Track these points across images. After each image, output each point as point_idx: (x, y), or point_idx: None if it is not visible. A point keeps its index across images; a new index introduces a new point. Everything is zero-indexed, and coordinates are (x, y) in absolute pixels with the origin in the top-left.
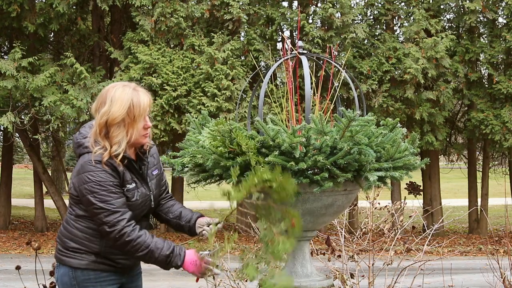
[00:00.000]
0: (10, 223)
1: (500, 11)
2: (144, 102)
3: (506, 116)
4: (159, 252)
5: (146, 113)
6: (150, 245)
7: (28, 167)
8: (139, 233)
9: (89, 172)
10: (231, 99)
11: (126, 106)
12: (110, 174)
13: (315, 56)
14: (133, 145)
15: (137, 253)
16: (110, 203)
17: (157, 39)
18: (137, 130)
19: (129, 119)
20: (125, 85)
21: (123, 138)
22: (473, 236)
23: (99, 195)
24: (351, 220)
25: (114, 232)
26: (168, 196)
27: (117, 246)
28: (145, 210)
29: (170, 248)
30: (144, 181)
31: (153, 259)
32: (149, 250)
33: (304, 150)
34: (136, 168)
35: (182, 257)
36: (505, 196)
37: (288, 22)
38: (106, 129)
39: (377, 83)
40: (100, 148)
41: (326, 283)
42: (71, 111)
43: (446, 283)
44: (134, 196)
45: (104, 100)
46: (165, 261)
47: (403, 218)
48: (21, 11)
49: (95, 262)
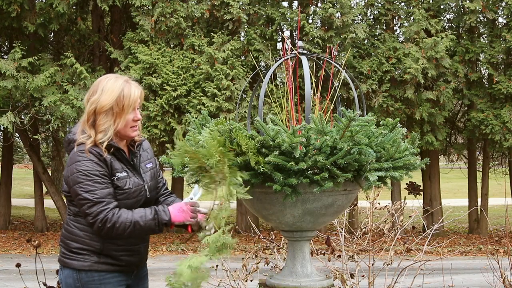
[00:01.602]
0: (10, 223)
1: (500, 11)
2: (134, 94)
3: (506, 116)
4: (144, 218)
5: (136, 105)
6: (132, 218)
7: (28, 167)
8: (117, 214)
9: (76, 163)
10: (231, 99)
11: (116, 95)
12: (96, 163)
13: (315, 56)
14: (123, 138)
15: (125, 232)
16: (94, 193)
17: (157, 39)
18: (125, 121)
19: (118, 108)
20: (117, 77)
21: (109, 126)
22: (473, 236)
23: (84, 185)
24: (351, 220)
25: (97, 222)
26: (167, 192)
27: (104, 235)
28: (141, 199)
29: (152, 210)
30: (136, 171)
31: (142, 229)
32: (133, 222)
33: (304, 150)
34: (126, 158)
35: (167, 212)
36: (505, 196)
37: (288, 22)
38: (94, 117)
39: (377, 83)
40: (84, 137)
41: (326, 283)
42: (71, 111)
43: (446, 283)
44: (126, 184)
45: (95, 90)
46: (154, 224)
47: (403, 218)
48: (21, 11)
49: (98, 263)
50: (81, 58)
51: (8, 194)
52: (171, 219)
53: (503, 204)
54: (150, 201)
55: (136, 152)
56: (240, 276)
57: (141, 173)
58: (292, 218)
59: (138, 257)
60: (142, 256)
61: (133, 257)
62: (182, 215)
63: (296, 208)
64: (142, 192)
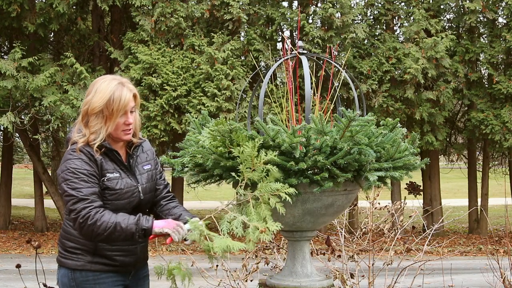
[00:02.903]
0: (10, 223)
1: (500, 11)
2: (125, 98)
3: (506, 116)
4: (126, 222)
5: (127, 108)
6: (115, 219)
7: (28, 167)
8: (101, 213)
9: (66, 161)
10: (231, 99)
11: (106, 98)
12: (85, 162)
13: (315, 56)
14: (117, 140)
15: (105, 231)
16: (79, 190)
17: (157, 39)
18: (114, 124)
19: (107, 111)
20: (113, 79)
21: (101, 128)
22: (473, 236)
23: (71, 182)
24: (351, 220)
25: (79, 219)
26: (169, 196)
27: (85, 233)
28: (133, 201)
29: (136, 216)
30: (131, 172)
31: (122, 231)
32: (115, 223)
33: (304, 150)
34: (119, 159)
35: (150, 220)
36: (505, 196)
37: (288, 22)
38: (87, 117)
39: (377, 83)
40: (79, 135)
41: (326, 283)
42: (71, 111)
43: (446, 283)
44: (117, 185)
45: (90, 90)
46: (135, 228)
47: (403, 218)
48: (21, 11)
49: (91, 263)
50: (81, 58)
51: (8, 194)
52: (151, 226)
53: (503, 204)
54: (145, 203)
55: (133, 154)
56: (240, 276)
57: (136, 175)
58: (292, 218)
59: (134, 257)
60: (139, 256)
61: (128, 258)
62: (164, 224)
63: (296, 208)
64: (135, 194)
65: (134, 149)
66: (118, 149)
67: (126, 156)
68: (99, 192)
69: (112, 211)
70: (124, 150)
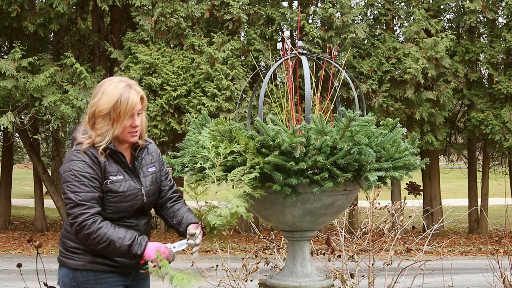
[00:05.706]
0: (10, 223)
1: (500, 11)
2: (132, 101)
3: (506, 116)
4: (121, 241)
5: (135, 111)
6: (110, 236)
7: (28, 167)
8: (99, 225)
9: (69, 162)
10: (231, 99)
11: (113, 101)
12: (88, 165)
13: (315, 56)
14: (122, 142)
15: (98, 245)
16: (78, 194)
17: (157, 39)
18: (121, 127)
19: (115, 114)
20: (121, 81)
21: (107, 131)
22: (473, 236)
23: (71, 184)
24: (351, 220)
25: (75, 225)
26: (174, 197)
27: (79, 239)
28: (136, 203)
29: (131, 237)
30: (135, 175)
31: (115, 250)
32: (109, 241)
33: (304, 150)
34: (123, 161)
35: (143, 246)
36: (505, 196)
37: (288, 22)
38: (93, 119)
39: (377, 83)
40: (85, 137)
41: (326, 283)
42: (71, 111)
43: (446, 283)
44: (121, 187)
45: (97, 92)
46: (127, 251)
47: (403, 218)
48: (21, 11)
49: (92, 263)
50: (81, 58)
51: (8, 194)
52: (143, 253)
53: (503, 204)
54: (148, 205)
55: (138, 156)
56: (240, 276)
57: (140, 177)
58: (292, 218)
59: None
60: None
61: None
62: (155, 254)
63: (296, 208)
64: (138, 196)
65: (140, 151)
66: (123, 150)
67: (131, 158)
68: (99, 198)
69: (114, 213)
70: (129, 152)
